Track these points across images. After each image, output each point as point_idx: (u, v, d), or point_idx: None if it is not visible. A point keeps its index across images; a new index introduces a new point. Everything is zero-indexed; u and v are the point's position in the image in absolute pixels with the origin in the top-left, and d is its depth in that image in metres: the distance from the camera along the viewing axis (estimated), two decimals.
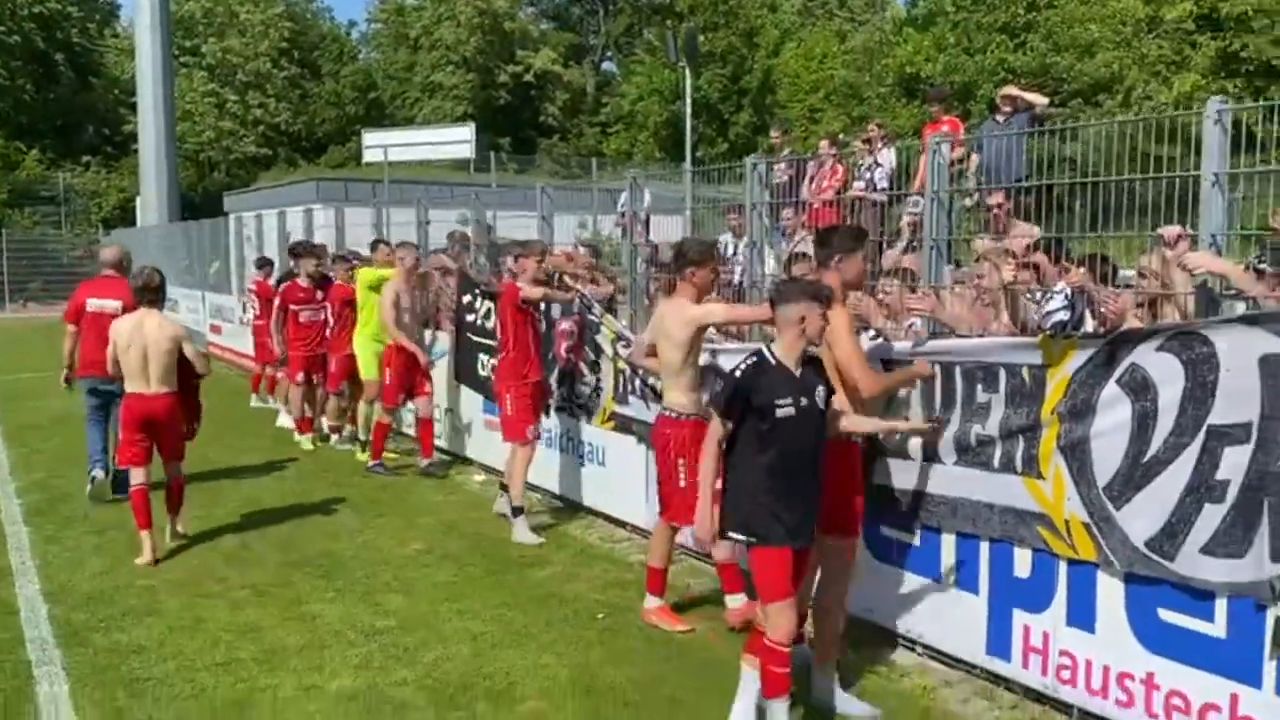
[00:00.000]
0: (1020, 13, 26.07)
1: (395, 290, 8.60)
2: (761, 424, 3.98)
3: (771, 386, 3.99)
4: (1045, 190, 5.95)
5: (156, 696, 4.54)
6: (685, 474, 5.18)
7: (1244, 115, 4.48)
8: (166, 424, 6.67)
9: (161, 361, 6.54)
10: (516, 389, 7.08)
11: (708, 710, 4.42)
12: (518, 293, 7.02)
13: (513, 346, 7.08)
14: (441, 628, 5.41)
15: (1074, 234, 5.41)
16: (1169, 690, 4.02)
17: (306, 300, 10.00)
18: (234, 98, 43.78)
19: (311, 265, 10.04)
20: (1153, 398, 4.00)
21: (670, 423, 5.33)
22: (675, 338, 5.23)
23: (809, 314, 4.00)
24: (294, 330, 10.00)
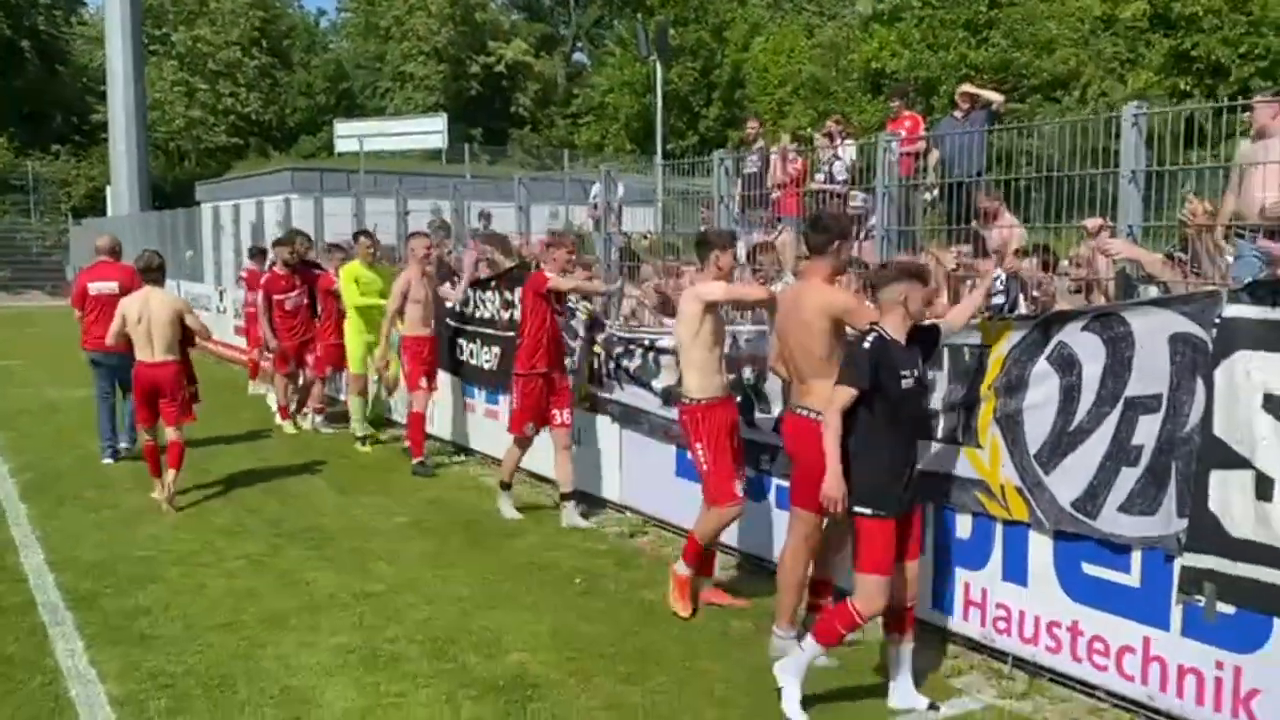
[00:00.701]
0: (982, 10, 26.71)
1: (407, 280, 8.53)
2: (889, 397, 4.16)
3: (895, 360, 4.18)
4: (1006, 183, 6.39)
5: (167, 651, 4.89)
6: (706, 457, 5.39)
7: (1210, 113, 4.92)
8: (170, 389, 7.43)
9: (165, 332, 7.37)
10: (525, 382, 7.03)
11: (674, 658, 4.85)
12: (545, 281, 6.91)
13: (527, 334, 7.01)
14: (428, 591, 5.78)
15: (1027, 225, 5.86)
16: (1091, 636, 4.48)
17: (288, 288, 10.20)
18: (204, 87, 43.58)
19: (286, 252, 10.23)
20: (1078, 373, 4.45)
21: (682, 410, 5.51)
22: (683, 316, 5.44)
23: (910, 292, 4.19)
24: (280, 319, 10.21)
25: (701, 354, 5.41)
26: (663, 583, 5.91)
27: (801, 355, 4.71)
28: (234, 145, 44.26)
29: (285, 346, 10.24)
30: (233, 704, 4.36)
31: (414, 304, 8.55)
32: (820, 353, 4.63)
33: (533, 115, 50.09)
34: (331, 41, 54.72)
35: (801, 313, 4.70)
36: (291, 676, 4.64)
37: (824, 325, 4.62)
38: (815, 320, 4.62)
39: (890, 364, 4.16)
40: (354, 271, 9.43)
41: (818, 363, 4.64)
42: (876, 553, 4.20)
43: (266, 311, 10.22)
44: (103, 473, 8.60)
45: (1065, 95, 24.03)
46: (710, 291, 5.39)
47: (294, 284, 10.22)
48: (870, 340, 4.22)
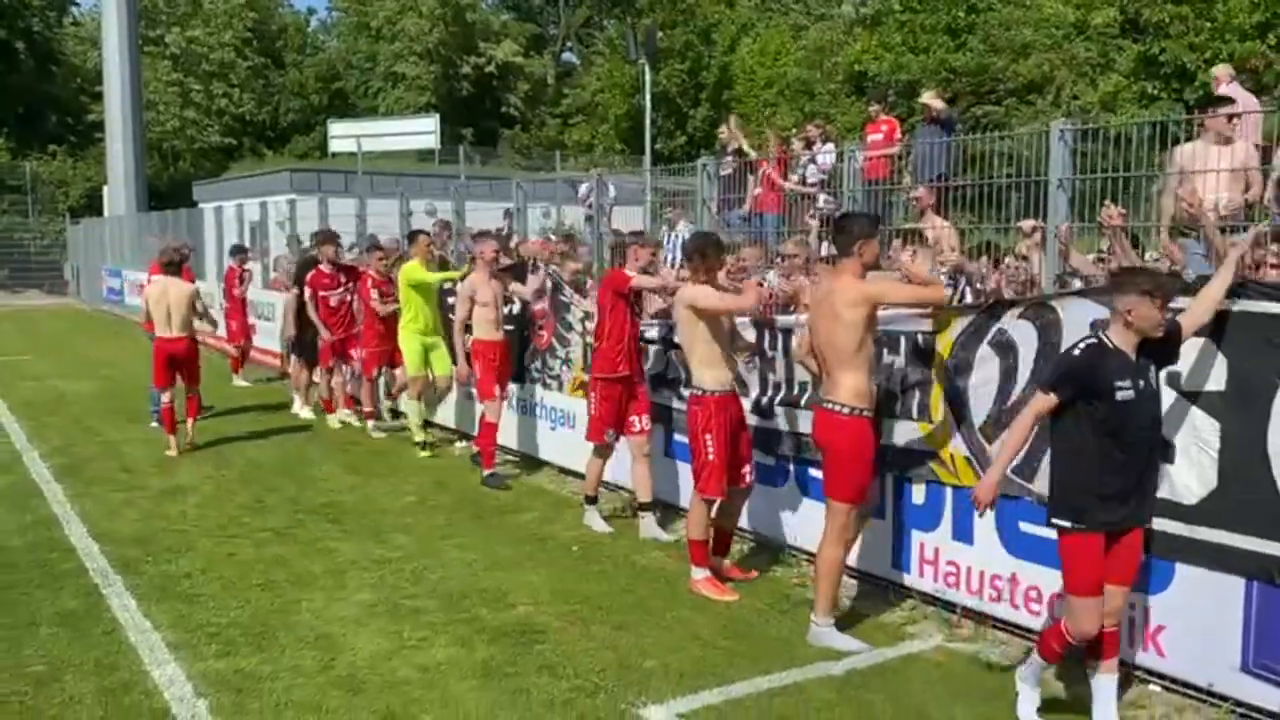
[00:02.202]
0: (961, 15, 27.44)
1: (473, 284, 8.17)
2: (1100, 407, 3.96)
3: (1111, 369, 3.96)
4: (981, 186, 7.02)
5: (211, 607, 5.49)
6: (713, 448, 5.65)
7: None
8: (185, 358, 9.30)
9: (180, 313, 9.15)
10: (605, 386, 6.80)
11: (662, 610, 5.48)
12: (626, 280, 6.69)
13: (608, 336, 6.76)
14: (440, 557, 6.40)
15: (975, 224, 6.51)
16: (1027, 585, 5.11)
17: (332, 285, 10.39)
18: (198, 87, 44.08)
19: (331, 251, 10.42)
20: (1015, 355, 5.08)
21: (694, 399, 5.76)
22: (678, 320, 5.84)
23: (1136, 307, 3.95)
24: (325, 315, 10.36)
25: (706, 349, 5.68)
26: (653, 549, 6.56)
27: (830, 349, 4.91)
28: (228, 145, 44.74)
29: (326, 342, 10.45)
30: (275, 647, 4.96)
31: (482, 307, 8.18)
32: (848, 346, 4.82)
33: (523, 115, 50.66)
34: (323, 42, 55.18)
35: (831, 307, 4.86)
36: (325, 626, 5.24)
37: (854, 318, 4.79)
38: (845, 312, 4.79)
39: (1104, 373, 3.96)
40: (413, 273, 9.25)
41: (846, 356, 4.83)
42: (1080, 570, 4.07)
43: (314, 307, 10.36)
44: (128, 458, 9.17)
45: (1040, 99, 24.83)
46: (697, 298, 5.65)
47: (339, 281, 10.42)
48: (1082, 347, 4.07)
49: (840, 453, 4.91)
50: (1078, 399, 4.01)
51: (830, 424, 4.95)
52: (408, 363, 9.38)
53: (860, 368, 4.85)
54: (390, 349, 9.93)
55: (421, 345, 9.31)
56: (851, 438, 4.92)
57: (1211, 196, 5.64)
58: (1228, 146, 5.85)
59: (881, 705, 4.42)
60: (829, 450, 4.98)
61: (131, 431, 10.35)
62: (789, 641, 5.08)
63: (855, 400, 4.90)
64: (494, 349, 8.28)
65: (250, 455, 9.32)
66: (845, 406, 4.88)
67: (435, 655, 4.89)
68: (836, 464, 4.95)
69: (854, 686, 4.59)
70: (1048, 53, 24.96)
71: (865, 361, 4.88)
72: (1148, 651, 4.62)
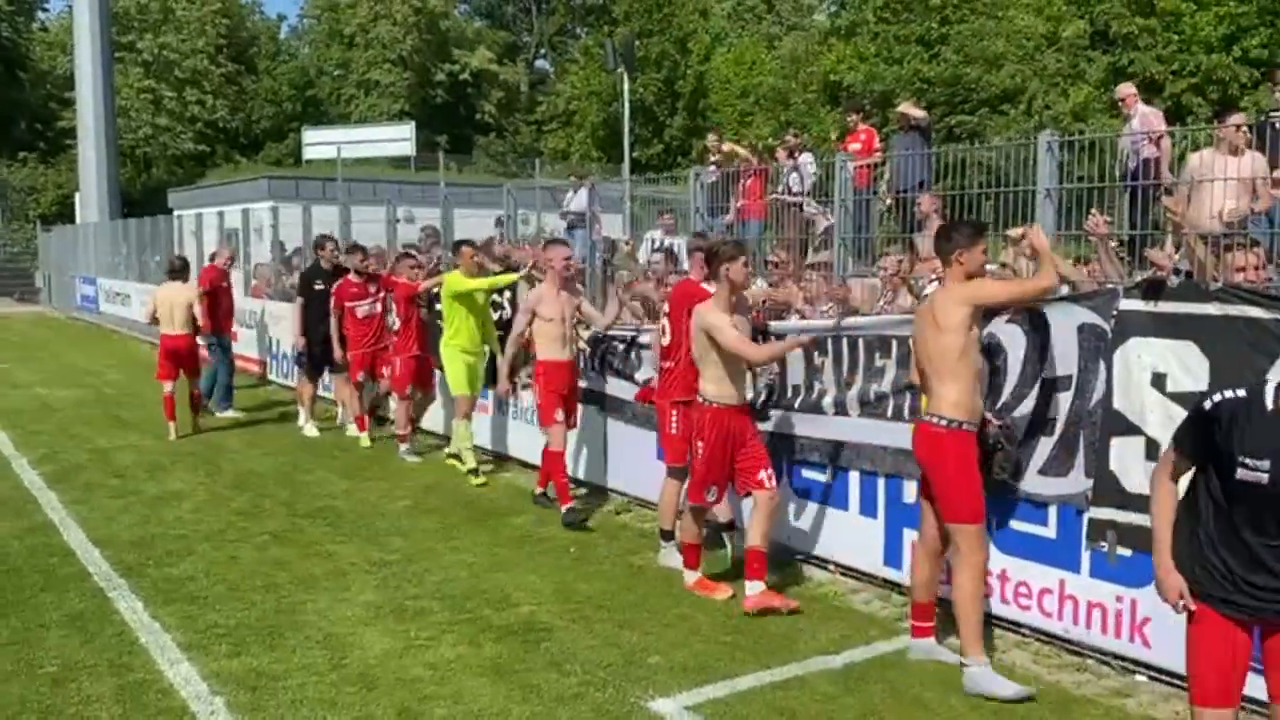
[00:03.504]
0: (934, 26, 27.90)
1: (539, 295, 7.48)
2: (1218, 479, 3.16)
3: (1243, 437, 3.05)
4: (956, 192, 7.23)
5: (217, 608, 5.57)
6: (701, 455, 5.69)
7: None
8: (186, 352, 10.46)
9: (180, 313, 10.37)
10: (684, 407, 6.22)
11: (662, 608, 5.61)
12: (703, 294, 6.04)
13: (685, 355, 6.12)
14: (440, 559, 6.50)
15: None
16: (1017, 581, 5.29)
17: (361, 295, 9.87)
18: (170, 94, 43.87)
19: (358, 260, 9.95)
20: (1004, 358, 5.26)
21: (696, 406, 5.76)
22: (694, 335, 5.73)
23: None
24: (352, 328, 9.87)
25: (715, 369, 5.63)
26: (647, 550, 6.68)
27: (928, 361, 4.70)
28: (201, 152, 44.53)
29: (356, 356, 9.97)
30: (285, 647, 5.05)
31: (546, 322, 7.37)
32: (949, 356, 4.59)
33: (497, 123, 50.78)
34: (296, 48, 55.03)
35: (931, 316, 4.67)
36: (332, 626, 5.33)
37: (959, 319, 4.57)
38: (951, 312, 4.58)
39: (1236, 438, 3.06)
40: (456, 283, 8.49)
41: (945, 367, 4.61)
42: (1198, 674, 3.32)
43: (338, 320, 9.92)
44: (119, 464, 9.19)
45: (1012, 108, 25.27)
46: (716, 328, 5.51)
47: (367, 291, 9.89)
48: (1216, 399, 3.16)
49: (944, 470, 4.63)
50: (1207, 460, 3.20)
51: (930, 439, 4.66)
52: (452, 381, 8.62)
53: (962, 378, 4.60)
54: (370, 354, 9.89)
55: (465, 364, 8.54)
56: (952, 453, 4.63)
57: (1219, 204, 5.88)
58: (1235, 157, 6.08)
59: (881, 696, 4.57)
60: (931, 469, 4.71)
61: (120, 438, 10.37)
62: (789, 636, 5.23)
63: (956, 412, 4.62)
64: (558, 370, 7.44)
65: (241, 461, 9.37)
66: (944, 419, 4.61)
67: (444, 653, 4.99)
68: (944, 483, 4.67)
69: (854, 679, 4.74)
70: (1020, 64, 25.45)
71: (967, 372, 4.62)
72: (1134, 642, 4.80)
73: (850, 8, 33.98)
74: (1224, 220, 5.55)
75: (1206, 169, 6.14)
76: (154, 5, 45.10)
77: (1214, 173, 5.87)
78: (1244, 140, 6.27)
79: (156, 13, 45.13)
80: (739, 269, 5.54)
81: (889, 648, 5.15)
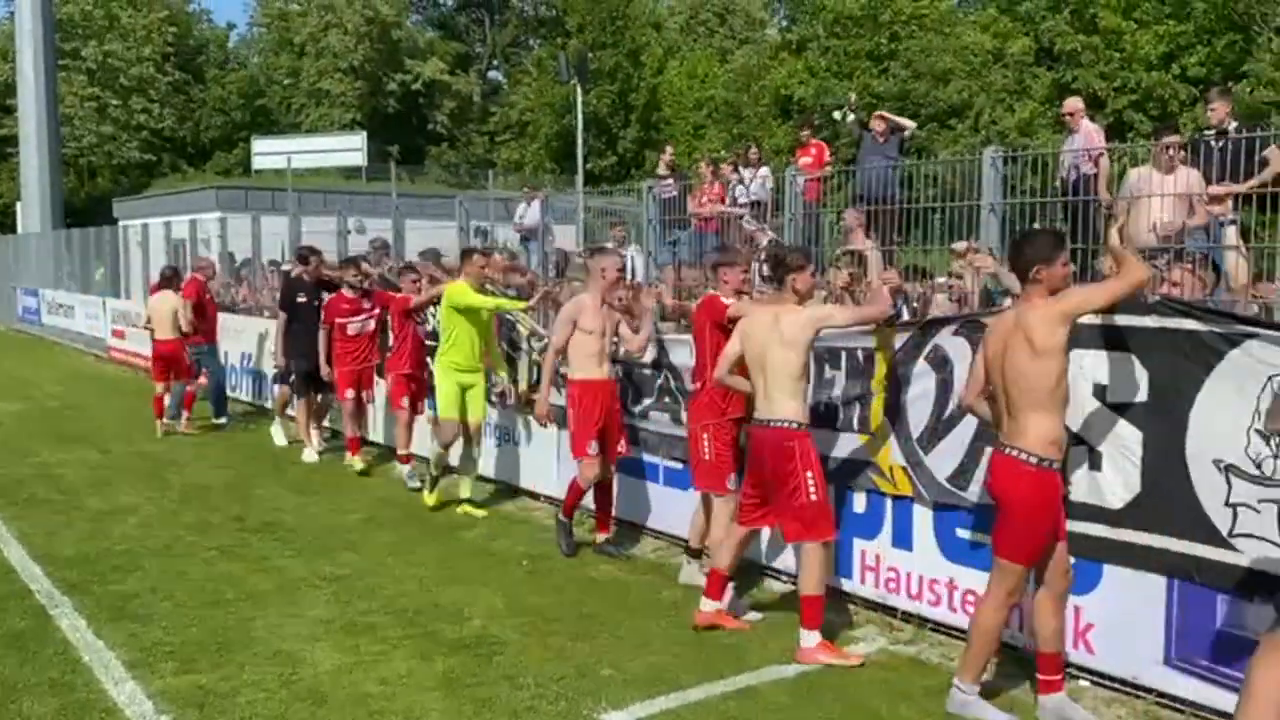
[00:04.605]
0: (884, 42, 28.35)
1: (579, 306, 6.78)
2: None
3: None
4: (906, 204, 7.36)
5: (164, 625, 5.47)
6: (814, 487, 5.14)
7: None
8: (175, 356, 11.21)
9: (168, 320, 11.15)
10: (716, 428, 5.86)
11: (615, 621, 5.62)
12: (724, 308, 5.75)
13: (711, 374, 5.71)
14: (392, 574, 6.45)
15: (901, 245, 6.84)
16: (965, 589, 5.36)
17: (354, 311, 9.42)
18: (116, 102, 43.16)
19: (352, 274, 9.49)
20: (950, 370, 5.35)
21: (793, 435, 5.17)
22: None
23: None
24: (341, 344, 9.39)
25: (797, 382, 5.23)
26: (601, 562, 6.68)
27: (1017, 388, 4.25)
28: (147, 162, 43.85)
29: (343, 373, 9.46)
30: (234, 664, 4.98)
31: (586, 335, 6.70)
32: (1049, 379, 4.18)
33: (450, 133, 50.60)
34: (245, 57, 54.45)
35: (1024, 337, 4.21)
36: (281, 642, 5.27)
37: (1059, 340, 4.16)
38: (1050, 333, 4.16)
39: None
40: (460, 295, 7.77)
41: (1038, 397, 4.19)
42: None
43: (327, 336, 9.46)
44: (63, 480, 9.02)
45: (959, 123, 25.74)
46: (825, 317, 5.21)
47: (360, 307, 9.45)
48: None
49: (1019, 508, 4.27)
50: None
51: (1012, 474, 4.28)
52: (441, 402, 7.91)
53: (1053, 411, 4.21)
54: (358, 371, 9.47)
55: (457, 385, 7.82)
56: (1035, 493, 4.25)
57: (1153, 217, 6.05)
58: (1171, 174, 6.26)
59: (831, 705, 4.62)
60: (1005, 503, 4.33)
61: (63, 452, 10.17)
62: (742, 647, 5.26)
63: (1045, 450, 4.22)
64: (596, 392, 6.72)
65: (189, 475, 9.23)
66: (1033, 456, 4.21)
67: (396, 668, 4.96)
68: (1012, 520, 4.31)
69: (806, 689, 4.79)
70: (967, 79, 25.93)
71: (1059, 404, 4.24)
72: (1078, 649, 4.89)
73: (801, 23, 34.46)
74: (1159, 235, 5.71)
75: (1144, 185, 6.31)
76: (98, 12, 44.40)
77: (1151, 189, 6.03)
78: (1178, 159, 6.46)
79: (101, 20, 44.43)
80: (805, 279, 5.26)
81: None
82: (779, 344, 5.11)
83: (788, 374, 5.11)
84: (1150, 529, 4.54)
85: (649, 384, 7.23)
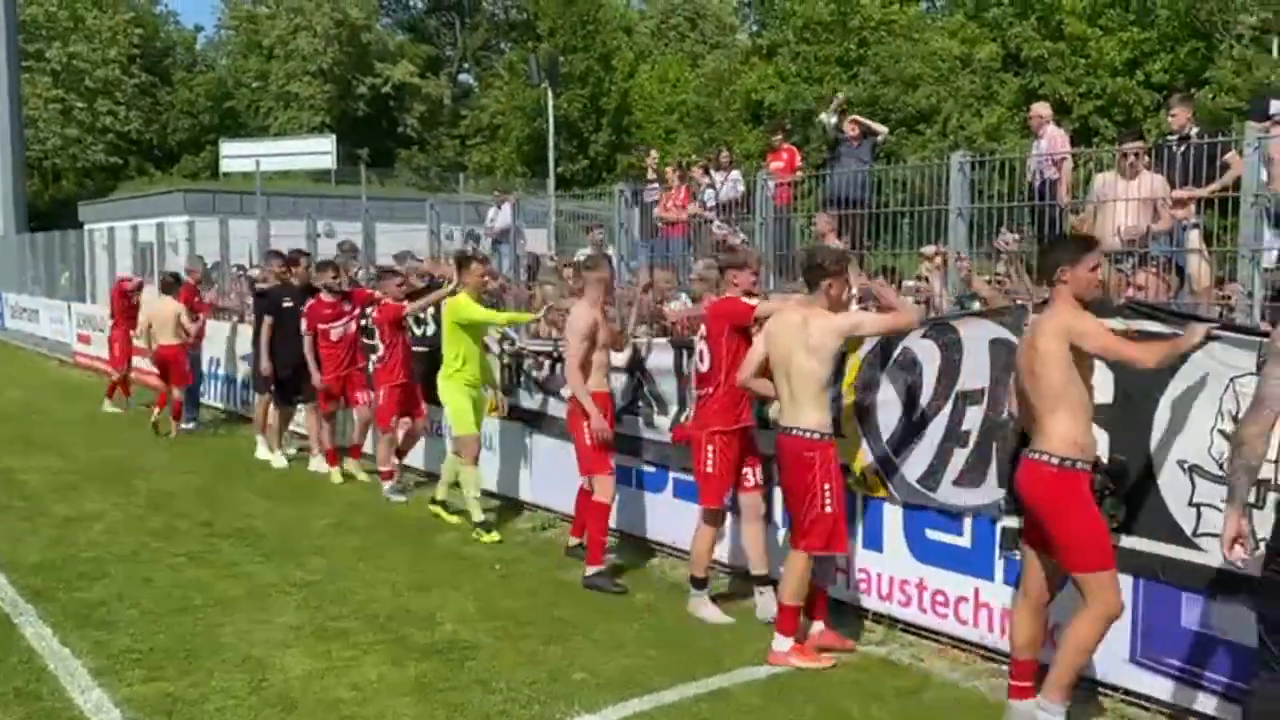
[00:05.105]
0: (853, 47, 28.57)
1: (593, 320, 6.38)
2: None
3: None
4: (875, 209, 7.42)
5: (131, 633, 5.41)
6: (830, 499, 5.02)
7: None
8: (174, 361, 11.28)
9: (169, 324, 11.20)
10: (725, 440, 5.62)
11: (588, 624, 5.61)
12: (748, 311, 5.51)
13: (726, 379, 5.55)
14: (363, 578, 6.41)
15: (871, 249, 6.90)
16: (934, 590, 5.41)
17: (335, 316, 9.11)
18: (81, 104, 42.65)
19: (329, 278, 9.18)
20: (919, 372, 5.40)
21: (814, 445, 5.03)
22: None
23: None
24: (325, 350, 9.08)
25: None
26: (573, 565, 6.66)
27: (1032, 387, 4.15)
28: (113, 165, 43.36)
29: (327, 381, 9.15)
30: (202, 670, 4.93)
31: (599, 350, 6.44)
32: (1055, 384, 4.06)
33: (420, 136, 50.39)
34: (213, 60, 53.98)
35: (1035, 338, 4.15)
36: (251, 648, 5.22)
37: (1060, 351, 4.04)
38: (1050, 344, 4.07)
39: None
40: (463, 308, 7.42)
41: (1051, 397, 4.08)
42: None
43: (312, 343, 9.12)
44: (26, 486, 8.91)
45: (928, 128, 25.99)
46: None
47: (341, 310, 9.14)
48: None
49: (1056, 513, 4.10)
50: None
51: (1037, 478, 4.13)
52: (456, 420, 7.54)
53: (1073, 411, 4.07)
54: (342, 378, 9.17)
55: (471, 400, 7.55)
56: (1065, 492, 4.09)
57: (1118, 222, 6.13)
58: (1134, 180, 6.35)
59: (803, 707, 4.64)
60: (1041, 512, 4.15)
61: (28, 458, 10.04)
62: (713, 650, 5.27)
63: (1068, 450, 4.08)
64: (605, 405, 6.44)
65: (157, 481, 9.14)
66: (1054, 457, 4.07)
67: (367, 674, 4.93)
68: (1064, 531, 4.09)
69: (778, 690, 4.81)
70: (935, 85, 26.17)
71: (1078, 403, 4.09)
72: (1045, 647, 4.93)
73: (771, 28, 34.64)
74: (1123, 239, 5.79)
75: (1109, 190, 6.40)
76: (63, 14, 43.86)
77: (1115, 194, 6.12)
78: (1142, 164, 6.55)
79: (66, 21, 43.88)
80: (842, 285, 5.10)
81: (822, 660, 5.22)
82: (804, 350, 4.96)
83: (812, 381, 4.96)
84: (1116, 529, 4.59)
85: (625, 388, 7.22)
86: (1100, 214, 6.44)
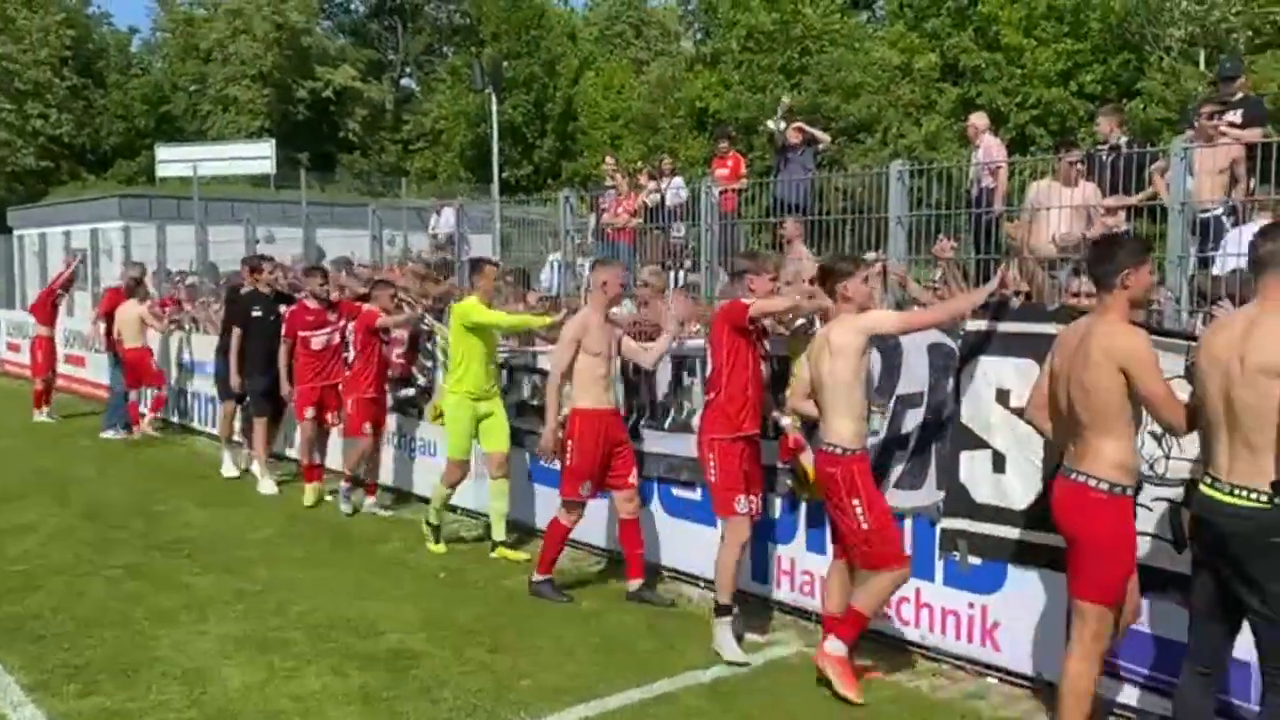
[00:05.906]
0: (795, 56, 28.89)
1: (584, 324, 6.09)
2: None
3: None
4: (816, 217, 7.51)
5: (65, 647, 5.30)
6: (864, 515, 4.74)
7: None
8: (143, 363, 11.46)
9: (135, 329, 11.39)
10: (724, 448, 5.35)
11: (533, 631, 5.61)
12: (744, 310, 5.30)
13: (725, 386, 5.35)
14: (303, 588, 6.33)
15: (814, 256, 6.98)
16: None
17: (318, 324, 8.64)
18: (10, 107, 41.49)
19: (316, 283, 8.76)
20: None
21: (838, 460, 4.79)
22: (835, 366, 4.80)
23: None
24: (304, 359, 8.62)
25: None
26: (519, 573, 6.64)
27: (1083, 404, 3.83)
28: (44, 169, 42.26)
29: (303, 390, 8.67)
30: (139, 684, 4.84)
31: (592, 357, 6.03)
32: (1112, 404, 3.76)
33: (361, 141, 49.83)
34: (149, 62, 52.89)
35: (1089, 352, 3.80)
36: (189, 661, 5.14)
37: (1113, 371, 3.74)
38: (1103, 363, 3.76)
39: None
40: (471, 311, 6.99)
41: (1105, 417, 3.78)
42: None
43: (289, 351, 8.72)
44: None
45: (869, 137, 26.37)
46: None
47: (325, 319, 8.66)
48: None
49: (1094, 541, 3.85)
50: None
51: (1082, 503, 3.86)
52: (451, 441, 7.17)
53: (1125, 434, 3.80)
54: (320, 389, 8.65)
55: (471, 414, 7.05)
56: (1110, 523, 3.83)
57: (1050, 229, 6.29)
58: (1069, 188, 6.52)
59: (749, 708, 4.68)
60: (1078, 537, 3.90)
61: None
62: (660, 654, 5.30)
63: (1117, 474, 3.81)
64: (599, 421, 6.05)
65: (93, 491, 8.95)
66: (1103, 482, 3.80)
67: (309, 684, 4.88)
68: (1086, 555, 3.88)
69: (723, 693, 4.84)
70: (876, 94, 26.54)
71: (1130, 426, 3.83)
72: (985, 646, 5.04)
73: (715, 36, 34.85)
74: (1058, 245, 5.93)
75: (1044, 197, 6.57)
76: None
77: (1051, 201, 6.27)
78: (1077, 173, 6.72)
79: None
80: (857, 285, 4.88)
81: (759, 660, 5.27)
82: (829, 355, 4.77)
83: (840, 386, 4.74)
84: (1051, 529, 4.68)
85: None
86: (1036, 221, 6.59)
